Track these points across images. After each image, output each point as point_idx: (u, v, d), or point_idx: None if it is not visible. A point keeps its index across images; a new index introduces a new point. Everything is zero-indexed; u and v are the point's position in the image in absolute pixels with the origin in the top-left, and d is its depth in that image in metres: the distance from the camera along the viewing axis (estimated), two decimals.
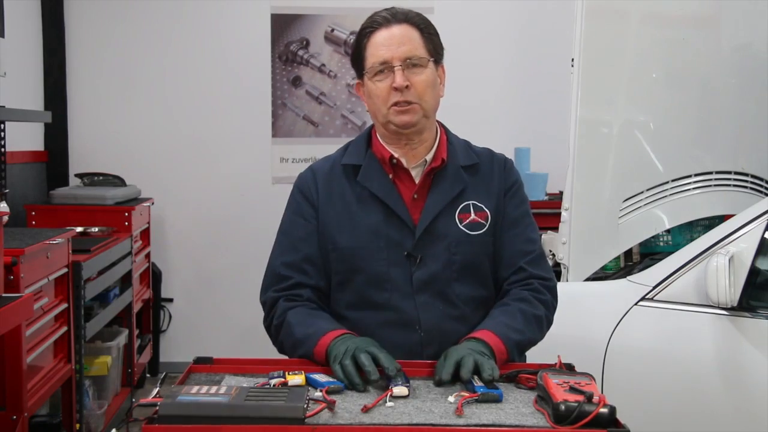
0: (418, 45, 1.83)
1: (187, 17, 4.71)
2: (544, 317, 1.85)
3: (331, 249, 1.85)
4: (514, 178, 1.94)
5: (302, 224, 1.88)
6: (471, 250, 1.84)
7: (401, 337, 1.79)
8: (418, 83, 1.81)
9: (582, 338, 2.50)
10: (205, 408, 1.29)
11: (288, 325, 1.78)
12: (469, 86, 4.57)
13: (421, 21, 1.86)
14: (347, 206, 1.86)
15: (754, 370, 2.30)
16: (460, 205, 1.85)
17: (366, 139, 1.93)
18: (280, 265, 1.86)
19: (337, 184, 1.88)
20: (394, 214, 1.83)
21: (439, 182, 1.86)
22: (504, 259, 1.88)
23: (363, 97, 1.92)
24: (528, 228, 1.92)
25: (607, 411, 1.31)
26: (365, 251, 1.82)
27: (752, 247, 2.35)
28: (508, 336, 1.72)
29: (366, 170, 1.87)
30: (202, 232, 4.80)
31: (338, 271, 1.85)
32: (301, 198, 1.90)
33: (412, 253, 1.82)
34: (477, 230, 1.85)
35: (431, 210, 1.83)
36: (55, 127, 4.44)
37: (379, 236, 1.82)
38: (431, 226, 1.83)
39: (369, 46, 1.84)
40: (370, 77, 1.84)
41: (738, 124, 3.24)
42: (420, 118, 1.83)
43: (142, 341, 4.38)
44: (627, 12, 3.08)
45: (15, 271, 2.44)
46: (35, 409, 2.65)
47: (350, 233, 1.83)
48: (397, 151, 1.87)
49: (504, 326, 1.75)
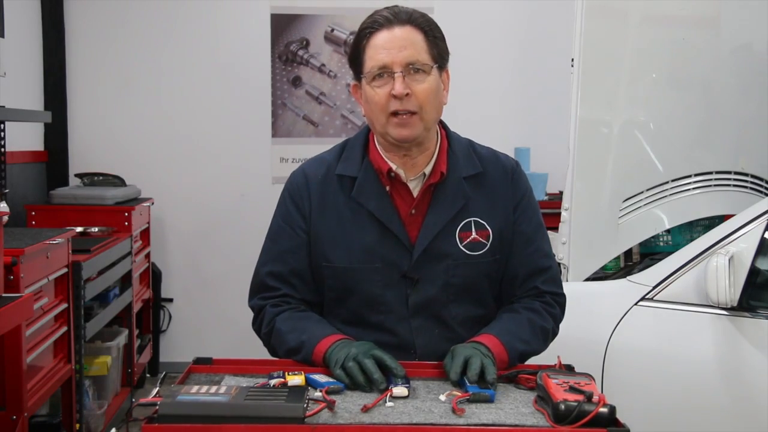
0: (421, 49, 1.70)
1: (187, 17, 4.71)
2: (551, 330, 1.81)
3: (325, 266, 1.77)
4: (522, 190, 1.84)
5: (290, 235, 1.79)
6: (470, 272, 1.76)
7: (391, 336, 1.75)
8: (420, 92, 1.69)
9: (582, 338, 2.50)
10: (205, 408, 1.29)
11: (278, 332, 1.73)
12: (469, 86, 4.57)
13: (426, 23, 1.73)
14: (341, 222, 1.76)
15: (754, 370, 2.29)
16: (461, 222, 1.76)
17: (363, 144, 1.82)
18: (267, 274, 1.80)
19: (331, 196, 1.78)
20: (390, 232, 1.74)
21: (438, 198, 1.76)
22: (519, 277, 1.80)
23: (359, 101, 1.80)
24: (543, 242, 1.84)
25: (607, 410, 1.31)
26: (359, 272, 1.74)
27: (752, 247, 2.34)
28: (513, 346, 1.68)
29: (362, 184, 1.76)
30: (202, 232, 4.80)
31: (332, 288, 1.78)
32: (292, 205, 1.81)
33: (409, 274, 1.74)
34: (478, 250, 1.76)
35: (430, 229, 1.74)
36: (55, 127, 4.44)
37: (374, 256, 1.74)
38: (430, 246, 1.74)
39: (368, 47, 1.71)
40: (368, 81, 1.72)
41: (738, 124, 3.24)
42: (420, 132, 1.72)
43: (142, 341, 4.38)
44: (627, 12, 3.08)
45: (15, 271, 2.44)
46: (35, 409, 2.65)
47: (344, 251, 1.75)
48: (396, 161, 1.77)
49: (510, 334, 1.70)
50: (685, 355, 2.41)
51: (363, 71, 1.74)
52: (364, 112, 1.79)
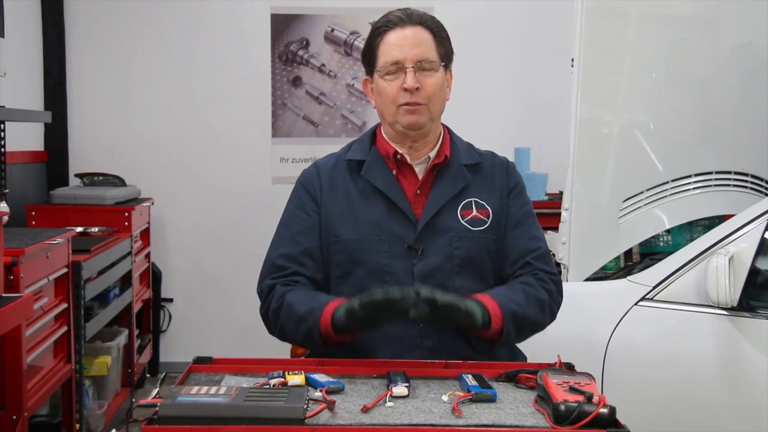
0: (430, 48, 1.86)
1: (187, 17, 4.71)
2: (547, 303, 1.85)
3: (333, 241, 1.86)
4: (516, 179, 1.97)
5: (303, 217, 1.90)
6: (472, 245, 1.86)
7: (401, 328, 1.80)
8: (428, 86, 1.84)
9: (582, 338, 2.50)
10: (205, 408, 1.29)
11: (288, 306, 1.80)
12: (469, 86, 4.56)
13: (435, 25, 1.89)
14: (350, 200, 1.88)
15: (754, 370, 2.30)
16: (462, 201, 1.88)
17: (370, 136, 1.96)
18: (278, 256, 1.88)
19: (340, 179, 1.91)
20: (397, 207, 1.86)
21: (442, 178, 1.89)
22: (510, 257, 1.90)
23: (370, 94, 1.95)
24: (533, 227, 1.94)
25: (607, 411, 1.32)
26: (367, 243, 1.84)
27: (752, 247, 2.35)
28: (506, 305, 1.75)
29: (369, 165, 1.89)
30: (202, 232, 4.80)
31: (339, 263, 1.87)
32: (304, 192, 1.93)
33: (414, 245, 1.84)
34: (479, 226, 1.87)
35: (434, 204, 1.86)
36: (55, 127, 4.44)
37: (381, 229, 1.85)
38: (433, 220, 1.85)
39: (382, 44, 1.86)
40: (381, 75, 1.87)
41: (738, 124, 3.24)
42: (427, 120, 1.86)
43: (142, 341, 4.37)
44: (627, 12, 3.08)
45: (15, 271, 2.44)
46: (35, 409, 2.65)
47: (352, 225, 1.86)
48: (402, 149, 1.90)
49: (503, 296, 1.78)
50: (685, 355, 2.41)
51: (376, 66, 1.88)
52: (375, 105, 1.94)
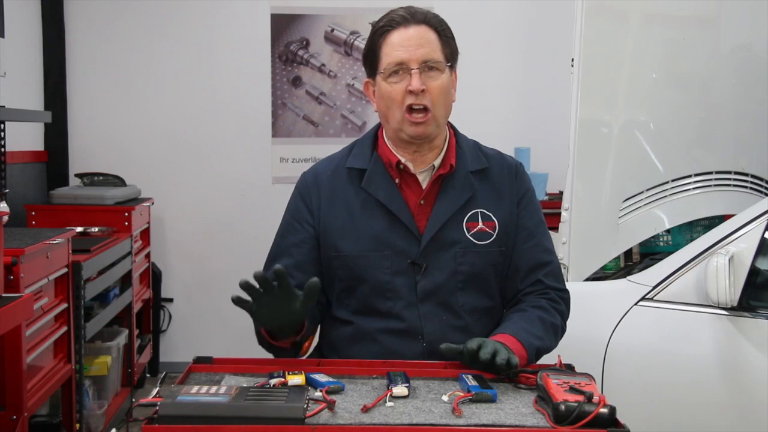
0: (436, 48, 1.77)
1: (187, 17, 4.71)
2: (560, 327, 1.84)
3: (335, 256, 1.81)
4: (526, 186, 1.89)
5: (297, 228, 1.85)
6: (477, 260, 1.80)
7: (404, 346, 1.77)
8: (434, 88, 1.76)
9: (582, 338, 2.50)
10: (205, 408, 1.29)
11: None
12: (469, 86, 4.53)
13: (439, 23, 1.80)
14: (351, 212, 1.81)
15: (754, 370, 2.29)
16: (468, 213, 1.81)
17: (372, 140, 1.87)
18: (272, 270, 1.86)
19: (340, 188, 1.84)
20: (399, 221, 1.79)
21: (447, 188, 1.81)
22: (521, 271, 1.85)
23: (371, 97, 1.86)
24: (544, 237, 1.89)
25: (607, 411, 1.31)
26: (369, 259, 1.79)
27: (752, 247, 2.35)
28: (529, 342, 1.71)
29: (371, 175, 1.82)
30: (202, 232, 4.80)
31: (342, 278, 1.82)
32: (300, 202, 1.87)
33: (417, 261, 1.78)
34: (484, 240, 1.81)
35: (439, 218, 1.79)
36: (55, 127, 4.44)
37: (383, 244, 1.79)
38: (438, 235, 1.79)
39: (385, 45, 1.77)
40: (384, 78, 1.77)
41: (738, 124, 3.24)
42: (433, 129, 1.78)
43: (142, 341, 4.37)
44: (627, 12, 3.08)
45: (15, 271, 2.44)
46: (35, 409, 2.65)
47: (354, 240, 1.80)
48: (405, 156, 1.83)
49: (524, 332, 1.73)
50: (685, 355, 2.41)
51: (379, 68, 1.79)
52: (377, 108, 1.84)
